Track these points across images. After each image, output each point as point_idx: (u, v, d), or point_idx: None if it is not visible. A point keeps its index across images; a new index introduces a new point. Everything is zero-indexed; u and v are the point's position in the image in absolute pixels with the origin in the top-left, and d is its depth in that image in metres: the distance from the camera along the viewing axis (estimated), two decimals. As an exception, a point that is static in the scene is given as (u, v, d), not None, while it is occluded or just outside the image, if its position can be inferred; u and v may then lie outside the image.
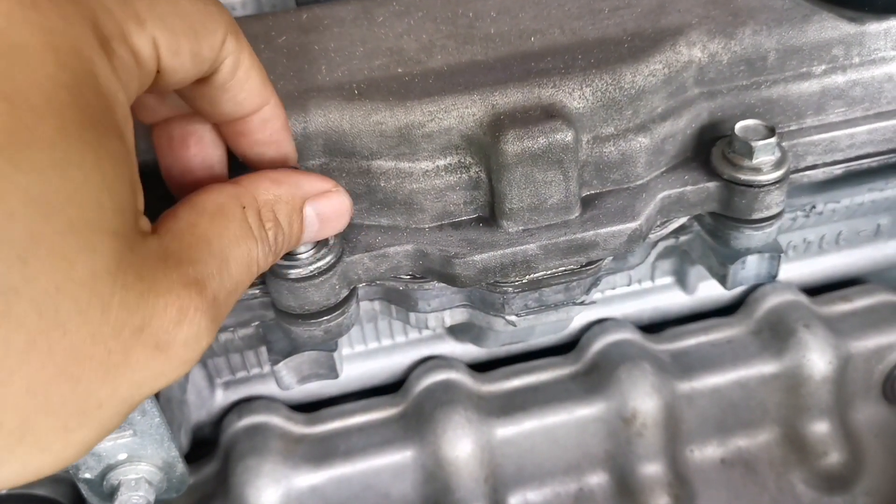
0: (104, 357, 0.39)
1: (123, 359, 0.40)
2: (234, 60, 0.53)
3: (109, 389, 0.40)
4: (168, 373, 0.43)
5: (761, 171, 0.70)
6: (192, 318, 0.44)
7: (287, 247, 0.56)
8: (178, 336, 0.43)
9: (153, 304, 0.42)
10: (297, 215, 0.56)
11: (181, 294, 0.44)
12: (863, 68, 0.76)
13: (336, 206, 0.59)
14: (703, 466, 1.04)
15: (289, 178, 0.57)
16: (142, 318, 0.41)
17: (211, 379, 1.00)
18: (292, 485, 0.94)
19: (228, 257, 0.48)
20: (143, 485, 0.72)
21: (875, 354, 1.05)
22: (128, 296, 0.40)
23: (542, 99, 0.67)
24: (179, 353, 0.43)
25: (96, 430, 0.41)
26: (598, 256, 0.71)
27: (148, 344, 0.41)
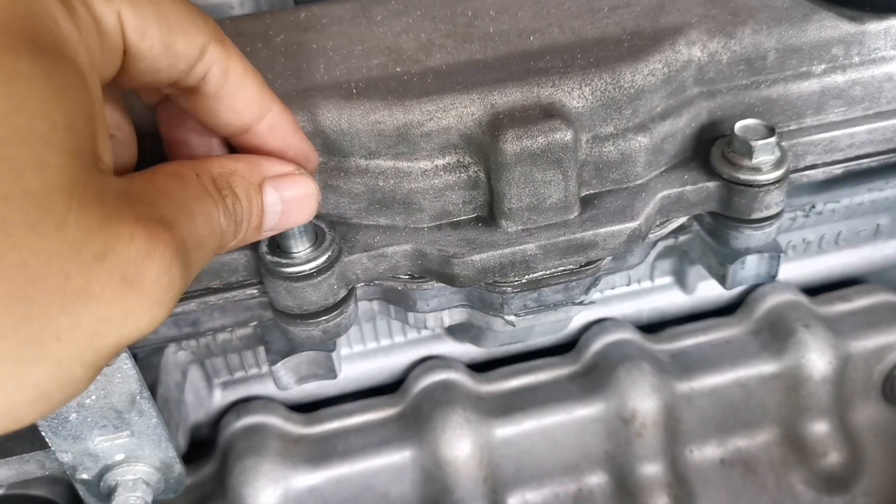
0: (61, 280, 0.37)
1: (84, 285, 0.38)
2: (221, 68, 0.53)
3: (69, 319, 0.37)
4: (139, 312, 0.40)
5: (761, 170, 0.70)
6: (163, 253, 0.41)
7: (248, 224, 0.54)
8: (147, 270, 0.40)
9: (116, 230, 0.39)
10: (255, 190, 0.54)
11: (148, 226, 0.41)
12: (863, 68, 0.76)
13: (300, 190, 0.57)
14: (703, 467, 1.03)
15: (247, 157, 0.56)
16: (104, 244, 0.38)
17: (209, 379, 1.00)
18: (290, 485, 0.94)
19: (191, 210, 0.46)
20: (141, 485, 0.72)
21: (874, 354, 1.05)
22: (87, 217, 0.38)
23: (542, 98, 0.67)
24: (151, 289, 0.40)
25: (55, 372, 0.38)
26: (598, 256, 0.71)
27: (113, 273, 0.39)
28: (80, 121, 0.40)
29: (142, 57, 0.48)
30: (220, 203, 0.50)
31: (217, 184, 0.51)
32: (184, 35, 0.50)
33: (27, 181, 0.36)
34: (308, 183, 0.58)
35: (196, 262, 0.46)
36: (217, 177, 0.51)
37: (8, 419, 0.38)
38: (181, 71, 0.51)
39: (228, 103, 0.55)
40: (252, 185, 0.54)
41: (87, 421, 0.67)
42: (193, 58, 0.51)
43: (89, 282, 0.38)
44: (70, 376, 0.39)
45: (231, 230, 0.51)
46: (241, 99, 0.55)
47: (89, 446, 0.70)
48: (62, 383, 0.39)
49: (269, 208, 0.56)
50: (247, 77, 0.55)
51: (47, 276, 0.36)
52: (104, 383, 0.65)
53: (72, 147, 0.39)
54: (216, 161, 0.53)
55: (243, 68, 0.55)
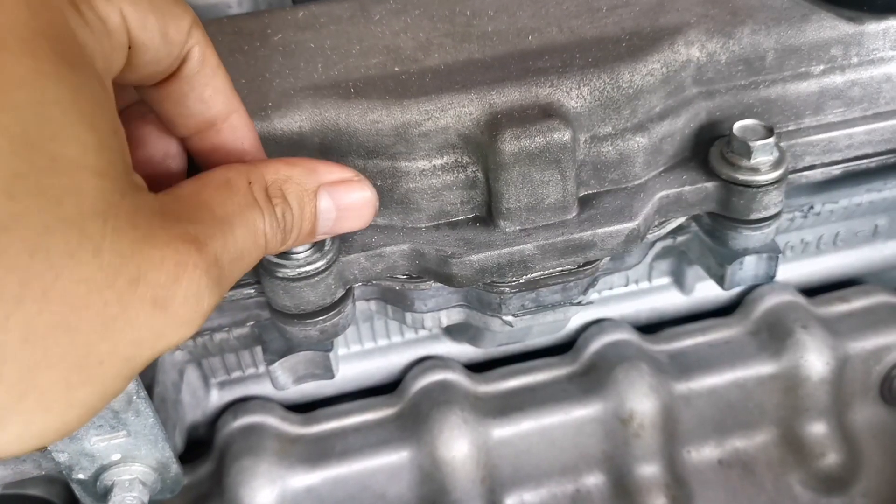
0: (101, 308, 0.38)
1: (121, 312, 0.39)
2: (200, 51, 0.53)
3: (109, 345, 0.39)
4: (169, 334, 0.42)
5: (759, 171, 0.70)
6: (192, 275, 0.43)
7: (298, 231, 0.54)
8: (177, 293, 0.42)
9: (148, 254, 0.41)
10: (308, 198, 0.55)
11: (179, 248, 0.43)
12: (861, 68, 0.76)
13: (357, 197, 0.58)
14: (701, 467, 1.03)
15: (304, 161, 0.56)
16: (137, 269, 0.40)
17: (206, 379, 1.00)
18: (288, 485, 0.94)
19: (233, 223, 0.48)
20: (137, 485, 0.72)
21: (873, 355, 1.05)
22: (120, 241, 0.39)
23: (540, 98, 0.67)
24: (179, 312, 0.42)
25: (99, 390, 0.40)
26: (596, 257, 0.71)
27: (145, 298, 0.40)
28: (109, 139, 0.41)
29: (145, 49, 0.49)
30: (269, 213, 0.51)
31: (269, 192, 0.51)
32: (174, 20, 0.50)
33: (65, 210, 0.37)
34: (367, 190, 0.59)
35: (231, 276, 0.47)
36: (271, 184, 0.52)
37: (59, 434, 0.40)
38: (175, 57, 0.51)
39: (199, 91, 0.54)
40: (307, 191, 0.54)
41: (83, 421, 0.67)
42: (182, 42, 0.51)
43: (125, 308, 0.40)
44: (112, 391, 0.41)
45: (278, 238, 0.52)
46: (213, 88, 0.55)
47: (86, 446, 0.69)
48: (105, 399, 0.41)
49: (323, 214, 0.56)
50: (220, 69, 0.55)
51: (88, 305, 0.38)
52: (101, 383, 0.65)
53: (104, 169, 0.40)
54: (272, 166, 0.54)
55: (217, 61, 0.55)
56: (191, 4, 0.84)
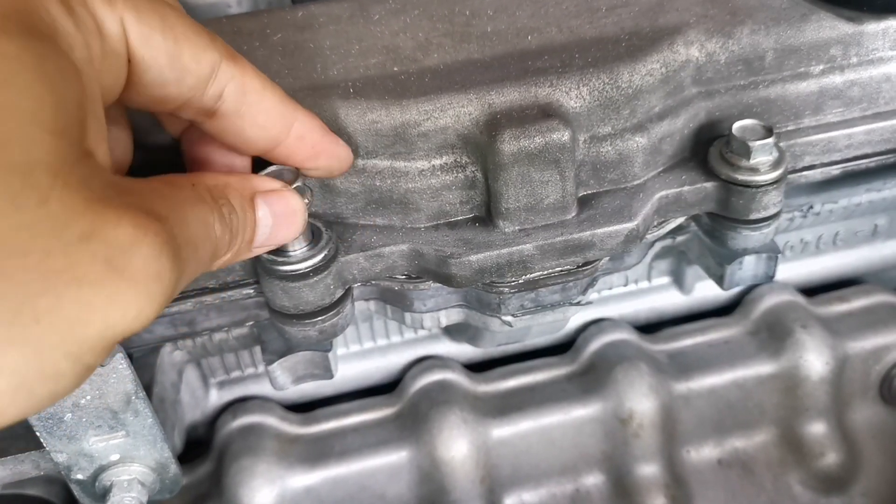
0: (41, 258, 0.35)
1: (66, 265, 0.36)
2: (237, 85, 0.53)
3: (49, 301, 0.36)
4: (124, 301, 0.39)
5: (759, 171, 0.70)
6: (152, 241, 0.40)
7: (242, 236, 0.53)
8: (134, 257, 0.39)
9: (102, 213, 0.38)
10: (248, 204, 0.54)
11: (136, 214, 0.40)
12: (861, 68, 0.76)
13: (289, 205, 0.57)
14: (700, 467, 1.03)
15: (238, 173, 0.56)
16: (89, 225, 0.37)
17: (205, 379, 1.00)
18: (287, 485, 0.94)
19: (185, 210, 0.46)
20: (136, 486, 0.72)
21: (872, 355, 1.05)
22: (71, 196, 0.37)
23: (539, 98, 0.67)
24: (137, 278, 0.39)
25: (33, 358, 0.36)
26: (595, 257, 0.71)
27: (97, 256, 0.37)
28: (70, 107, 0.40)
29: (147, 67, 0.48)
30: (216, 210, 0.50)
31: (213, 193, 0.50)
32: (191, 49, 0.50)
33: (11, 155, 0.36)
34: (295, 198, 0.58)
35: (188, 262, 0.45)
36: (213, 188, 0.51)
37: None
38: (191, 87, 0.51)
39: (251, 120, 0.55)
40: (245, 197, 0.54)
41: (82, 421, 0.67)
42: (204, 75, 0.51)
43: (71, 263, 0.37)
44: (53, 368, 0.37)
45: (226, 239, 0.51)
46: (264, 113, 0.55)
47: (84, 446, 0.69)
48: (45, 374, 0.37)
49: (261, 221, 0.56)
50: (266, 91, 0.55)
51: (26, 252, 0.35)
52: (99, 383, 0.65)
53: (59, 128, 0.38)
54: (210, 174, 0.53)
55: (260, 83, 0.55)
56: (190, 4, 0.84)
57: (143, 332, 0.77)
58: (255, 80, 0.54)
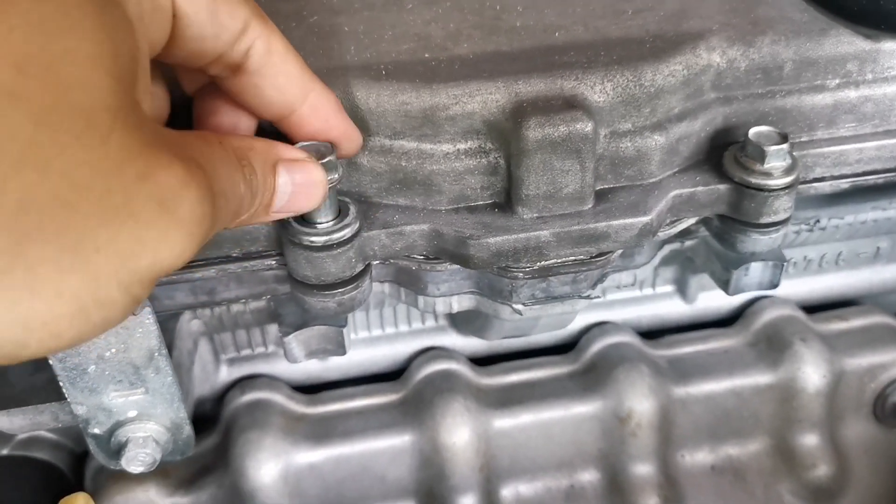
0: (103, 193, 0.38)
1: (124, 202, 0.38)
2: (264, 43, 0.55)
3: (108, 233, 0.38)
4: (172, 240, 0.41)
5: (772, 175, 0.72)
6: (198, 187, 0.42)
7: (261, 199, 0.55)
8: (183, 199, 0.41)
9: (158, 157, 0.40)
10: (269, 169, 0.55)
11: (186, 161, 0.42)
12: (875, 85, 0.78)
13: (310, 176, 0.59)
14: (694, 471, 1.05)
15: (264, 139, 0.57)
16: (145, 166, 0.40)
17: (216, 354, 1.02)
18: (291, 460, 0.95)
19: (216, 165, 0.47)
20: (151, 443, 0.73)
21: (868, 373, 1.07)
22: (129, 138, 0.39)
23: (565, 90, 0.69)
24: (184, 220, 0.42)
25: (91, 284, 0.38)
26: (609, 248, 0.73)
27: (152, 196, 0.40)
28: (126, 56, 0.42)
29: (189, 22, 0.51)
30: (240, 170, 0.51)
31: (237, 153, 0.52)
32: (227, 5, 0.52)
33: (74, 96, 0.37)
34: (318, 171, 0.60)
35: (220, 211, 0.47)
36: (237, 148, 0.52)
37: (48, 333, 0.38)
38: (226, 42, 0.53)
39: (272, 80, 0.57)
40: (268, 162, 0.55)
41: (104, 374, 0.69)
42: (237, 30, 0.53)
43: (129, 200, 0.39)
44: (107, 294, 0.39)
45: (248, 199, 0.53)
46: (285, 75, 0.57)
47: (104, 400, 0.71)
48: (99, 300, 0.39)
49: (280, 188, 0.57)
50: (289, 55, 0.57)
51: (90, 187, 0.37)
52: (125, 336, 0.67)
53: (117, 73, 0.40)
54: (236, 136, 0.55)
55: (284, 46, 0.57)
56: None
57: (165, 298, 0.80)
58: (280, 41, 0.56)
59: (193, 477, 0.97)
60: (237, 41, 0.54)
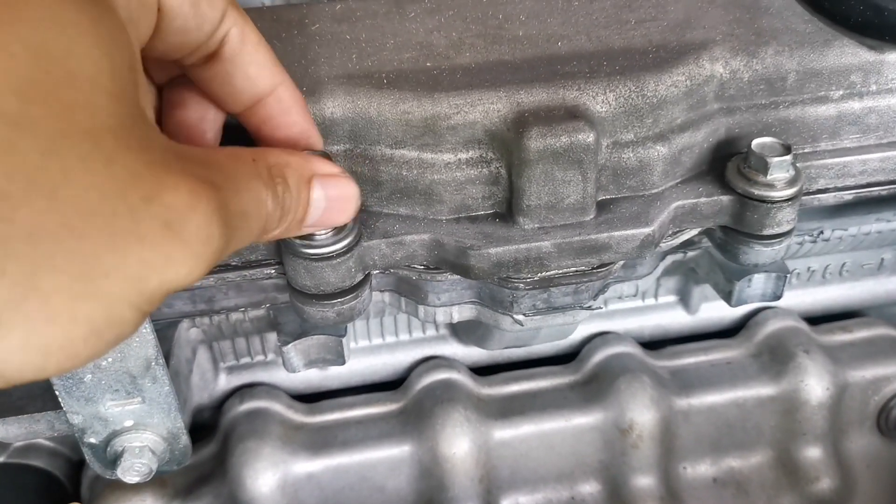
0: (110, 217, 0.38)
1: (132, 227, 0.39)
2: (239, 31, 0.55)
3: (117, 258, 0.38)
4: (178, 262, 0.41)
5: (775, 187, 0.72)
6: (206, 207, 0.42)
7: (293, 215, 0.55)
8: (190, 221, 0.41)
9: (163, 177, 0.40)
10: (304, 185, 0.56)
11: (192, 181, 0.42)
12: (879, 96, 0.78)
13: (344, 191, 0.59)
14: (696, 484, 1.04)
15: (300, 153, 0.57)
16: (150, 188, 0.39)
17: (215, 362, 1.01)
18: (290, 470, 0.95)
19: (239, 183, 0.47)
20: (147, 453, 0.73)
21: (872, 385, 1.06)
22: (133, 160, 0.39)
23: (567, 100, 0.69)
24: (191, 241, 0.41)
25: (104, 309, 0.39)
26: (610, 259, 0.73)
27: (157, 218, 0.40)
28: (124, 69, 0.42)
29: (174, 15, 0.50)
30: (271, 188, 0.51)
31: (272, 171, 0.52)
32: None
33: (79, 119, 0.37)
34: (351, 185, 0.60)
35: (237, 230, 0.47)
36: (273, 166, 0.52)
37: (64, 355, 0.38)
38: (206, 33, 0.53)
39: (244, 69, 0.56)
40: (303, 178, 0.55)
41: (101, 383, 0.69)
42: (216, 19, 0.53)
43: (136, 223, 0.39)
44: (119, 315, 0.40)
45: (277, 216, 0.52)
46: (256, 65, 0.57)
47: (100, 410, 0.71)
48: (112, 322, 0.40)
49: (315, 203, 0.57)
50: (261, 45, 0.57)
51: (97, 212, 0.37)
52: (122, 346, 0.67)
53: (118, 92, 0.40)
54: (274, 152, 0.55)
55: (257, 37, 0.57)
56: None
57: (163, 306, 0.79)
58: (253, 31, 0.56)
59: (191, 486, 0.97)
60: (216, 30, 0.54)
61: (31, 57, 0.37)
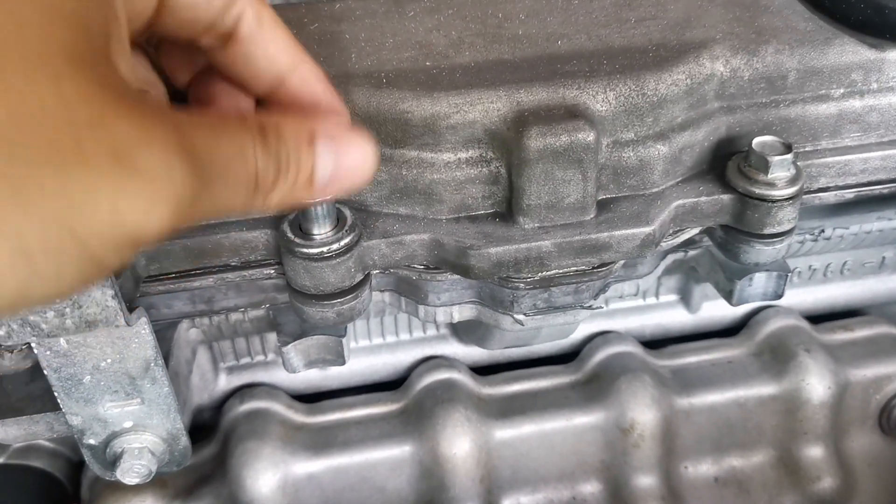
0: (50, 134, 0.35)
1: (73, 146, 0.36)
2: (255, 12, 0.53)
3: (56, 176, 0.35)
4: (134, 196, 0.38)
5: (776, 185, 0.71)
6: (163, 142, 0.39)
7: (295, 174, 0.50)
8: (142, 153, 0.38)
9: (113, 105, 0.38)
10: (304, 141, 0.50)
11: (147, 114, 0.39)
12: (880, 94, 0.78)
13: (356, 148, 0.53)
14: (697, 483, 1.04)
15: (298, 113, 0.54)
16: (98, 112, 0.37)
17: (215, 362, 1.01)
18: (290, 471, 0.95)
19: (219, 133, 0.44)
20: (146, 454, 0.73)
21: (873, 384, 1.06)
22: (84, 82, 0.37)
23: (567, 99, 0.68)
24: (145, 174, 0.38)
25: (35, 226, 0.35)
26: (611, 259, 0.72)
27: (103, 144, 0.37)
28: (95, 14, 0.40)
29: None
30: (260, 141, 0.47)
31: (264, 126, 0.48)
32: None
33: (29, 36, 0.36)
34: (364, 143, 0.53)
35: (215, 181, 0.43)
36: (264, 122, 0.48)
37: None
38: (217, 9, 0.52)
39: (263, 49, 0.55)
40: (301, 133, 0.50)
41: (100, 384, 0.69)
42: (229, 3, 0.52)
43: (78, 146, 0.36)
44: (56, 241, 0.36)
45: (271, 171, 0.48)
46: (275, 43, 0.55)
47: (99, 411, 0.71)
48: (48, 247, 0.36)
49: (321, 161, 0.51)
50: (278, 25, 0.56)
51: (38, 127, 0.35)
52: (121, 347, 0.67)
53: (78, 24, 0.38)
54: (264, 113, 0.53)
55: (273, 17, 0.55)
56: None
57: (162, 306, 0.79)
58: (269, 10, 0.55)
59: (191, 487, 0.96)
60: (228, 8, 0.52)
61: None
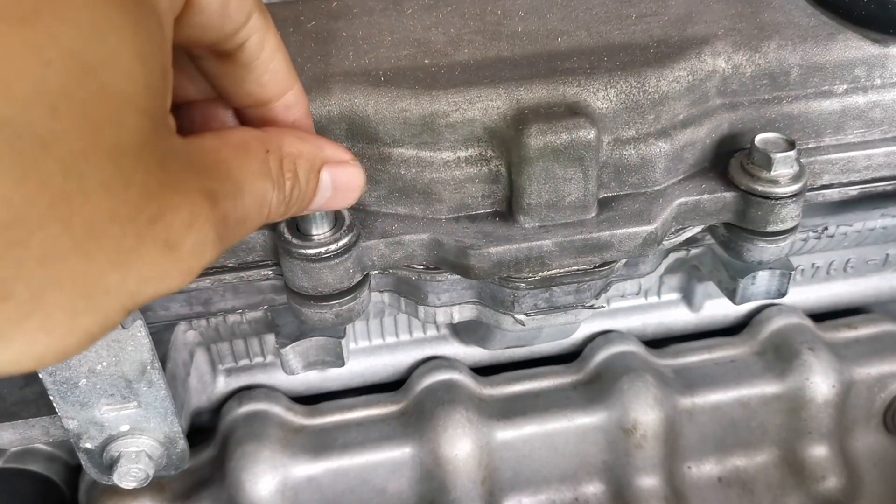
0: (118, 239, 0.39)
1: (135, 246, 0.40)
2: (260, 38, 0.54)
3: (119, 277, 0.39)
4: (172, 276, 0.42)
5: (779, 183, 0.71)
6: (203, 226, 0.44)
7: (299, 205, 0.55)
8: (187, 239, 0.42)
9: (170, 198, 0.41)
10: (314, 175, 0.56)
11: (196, 199, 0.43)
12: (884, 90, 0.77)
13: (351, 178, 0.58)
14: (700, 484, 1.03)
15: (313, 138, 0.57)
16: (157, 209, 0.40)
17: (214, 364, 1.00)
18: (289, 473, 0.94)
19: (244, 187, 0.48)
20: (144, 458, 0.72)
21: (878, 382, 1.05)
22: (148, 181, 0.40)
23: (567, 97, 0.67)
24: (185, 258, 0.43)
25: (100, 321, 0.40)
26: (612, 258, 0.71)
27: (158, 238, 0.41)
28: (158, 80, 0.41)
29: (200, 10, 0.49)
30: (279, 187, 0.52)
31: (283, 165, 0.52)
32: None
33: (104, 139, 0.37)
34: (360, 172, 0.59)
35: (233, 237, 0.47)
36: (285, 157, 0.53)
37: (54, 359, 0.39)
38: (227, 34, 0.52)
39: (257, 75, 0.55)
40: (313, 169, 0.55)
41: (96, 388, 0.68)
42: (240, 23, 0.52)
43: (139, 244, 0.39)
44: (112, 323, 0.41)
45: (280, 211, 0.53)
46: (270, 73, 0.56)
47: (96, 414, 0.70)
48: (105, 329, 0.41)
49: (322, 191, 0.57)
50: (279, 52, 0.56)
51: (108, 235, 0.38)
52: (117, 350, 0.66)
53: (147, 107, 0.40)
54: (288, 138, 0.54)
55: (277, 43, 0.56)
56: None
57: (160, 309, 0.78)
58: (274, 38, 0.55)
59: (189, 490, 0.96)
60: (240, 28, 0.52)
61: (66, 66, 0.36)
